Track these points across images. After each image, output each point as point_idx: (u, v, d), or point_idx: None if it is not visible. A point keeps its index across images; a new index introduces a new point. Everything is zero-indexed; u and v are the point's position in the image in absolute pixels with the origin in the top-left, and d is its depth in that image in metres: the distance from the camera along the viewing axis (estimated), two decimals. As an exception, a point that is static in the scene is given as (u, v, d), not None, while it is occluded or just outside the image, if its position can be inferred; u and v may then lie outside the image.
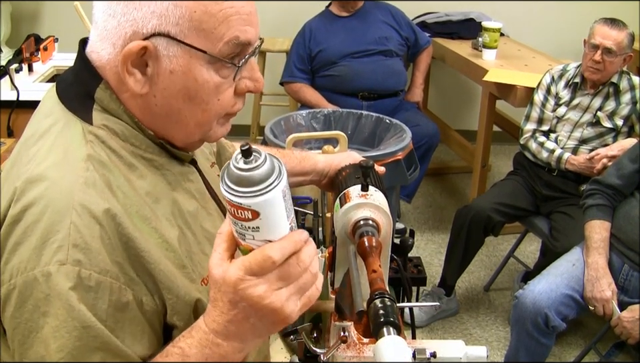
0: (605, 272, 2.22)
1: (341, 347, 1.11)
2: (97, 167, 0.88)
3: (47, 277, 0.81)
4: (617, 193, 2.33)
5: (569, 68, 2.86)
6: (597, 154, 2.67)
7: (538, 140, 2.85)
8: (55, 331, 0.82)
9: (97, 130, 0.91)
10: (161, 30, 0.87)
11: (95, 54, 0.93)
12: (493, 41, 3.68)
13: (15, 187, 0.87)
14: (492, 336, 2.88)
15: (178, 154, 1.00)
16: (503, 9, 4.47)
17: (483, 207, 2.78)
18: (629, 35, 2.66)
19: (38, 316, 0.82)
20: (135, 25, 0.87)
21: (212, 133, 0.98)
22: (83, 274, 0.82)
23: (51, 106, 0.95)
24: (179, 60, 0.88)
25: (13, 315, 0.84)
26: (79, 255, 0.82)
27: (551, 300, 2.23)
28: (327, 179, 1.42)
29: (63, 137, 0.91)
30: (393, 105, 3.63)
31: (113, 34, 0.89)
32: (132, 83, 0.89)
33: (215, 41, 0.88)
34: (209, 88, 0.91)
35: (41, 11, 4.44)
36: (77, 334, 0.82)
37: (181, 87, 0.90)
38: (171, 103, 0.92)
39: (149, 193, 0.93)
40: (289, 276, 0.81)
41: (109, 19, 0.89)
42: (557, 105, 2.84)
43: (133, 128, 0.94)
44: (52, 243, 0.82)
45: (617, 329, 2.18)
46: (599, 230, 2.29)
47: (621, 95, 2.73)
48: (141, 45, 0.86)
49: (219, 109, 0.95)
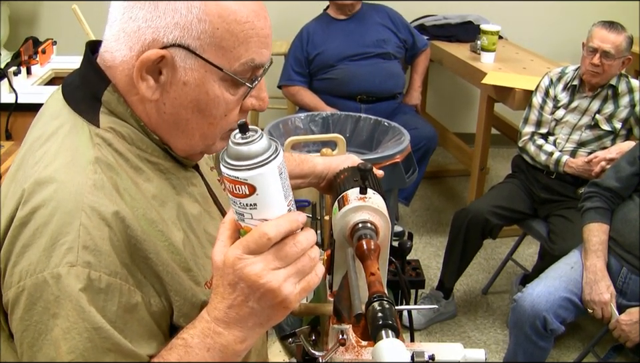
0: (603, 275, 2.22)
1: (340, 350, 1.10)
2: (105, 170, 0.89)
3: (57, 279, 0.82)
4: (615, 195, 2.33)
5: (567, 70, 2.87)
6: (595, 157, 2.67)
7: (536, 143, 2.85)
8: (65, 333, 0.82)
9: (104, 133, 0.92)
10: (182, 42, 0.88)
11: (109, 54, 0.93)
12: (491, 44, 3.68)
13: (23, 189, 0.87)
14: (490, 339, 2.87)
15: (182, 159, 1.01)
16: (501, 11, 4.47)
17: (481, 210, 2.78)
18: (628, 38, 2.67)
19: (47, 318, 0.82)
20: (156, 33, 0.88)
21: (214, 147, 1.00)
22: (92, 276, 0.83)
23: (58, 108, 0.96)
24: (194, 73, 0.90)
25: (22, 318, 0.84)
26: (89, 256, 0.83)
27: (550, 303, 2.23)
28: (325, 181, 1.42)
29: (71, 140, 0.91)
30: (391, 108, 3.63)
31: (131, 37, 0.89)
32: (144, 88, 0.90)
33: (232, 59, 0.90)
34: (218, 103, 0.93)
35: (39, 14, 4.44)
36: (88, 336, 0.82)
37: (192, 99, 0.91)
38: (180, 112, 0.93)
39: (155, 196, 0.94)
40: (285, 256, 0.82)
41: (128, 21, 0.89)
42: (556, 108, 2.84)
43: (139, 131, 0.95)
44: (62, 245, 0.82)
45: (615, 332, 2.18)
46: (597, 233, 2.29)
47: (620, 98, 2.73)
48: (160, 53, 0.88)
49: (225, 124, 0.96)
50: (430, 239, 3.64)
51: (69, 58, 3.00)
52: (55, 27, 4.10)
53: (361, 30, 3.62)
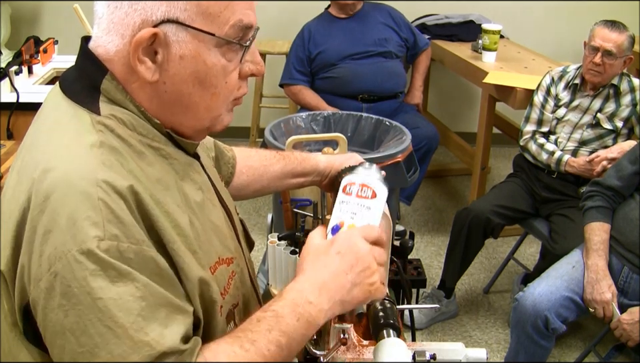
0: (604, 274, 2.22)
1: (341, 350, 1.11)
2: (111, 152, 0.89)
3: (87, 254, 0.81)
4: (616, 194, 2.33)
5: (568, 69, 2.86)
6: (596, 156, 2.67)
7: (538, 142, 2.85)
8: (115, 300, 0.81)
9: (105, 120, 0.92)
10: (170, 16, 0.89)
11: (102, 48, 0.94)
12: (492, 43, 3.68)
13: (33, 178, 0.87)
14: (491, 338, 2.87)
15: (183, 144, 1.01)
16: (502, 11, 4.47)
17: (483, 209, 2.78)
18: (629, 37, 2.66)
19: (86, 295, 0.81)
20: (143, 14, 0.89)
21: (220, 119, 1.01)
22: (121, 248, 0.83)
23: (57, 102, 0.96)
24: (187, 45, 0.91)
25: (60, 305, 0.82)
26: (114, 229, 0.83)
27: (551, 302, 2.23)
28: (328, 179, 1.42)
29: (74, 128, 0.91)
30: (392, 107, 3.63)
31: (120, 25, 0.91)
32: (143, 70, 0.91)
33: (221, 24, 0.92)
34: (217, 71, 0.94)
35: (41, 13, 4.44)
36: (141, 295, 0.83)
37: (190, 72, 0.93)
38: (181, 88, 0.94)
39: (160, 180, 0.94)
40: (380, 256, 0.99)
41: (115, 11, 0.90)
42: (557, 107, 2.84)
43: (139, 117, 0.95)
44: (84, 220, 0.82)
45: (617, 332, 2.18)
46: (598, 232, 2.29)
47: (621, 97, 2.73)
48: (152, 31, 0.89)
49: (227, 92, 0.98)
50: (431, 239, 3.64)
51: (71, 57, 2.98)
52: (56, 26, 4.10)
53: (363, 29, 3.61)
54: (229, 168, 1.36)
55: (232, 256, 1.08)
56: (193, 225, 0.97)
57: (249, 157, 1.42)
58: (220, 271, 1.02)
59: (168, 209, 0.92)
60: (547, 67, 3.51)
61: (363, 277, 0.96)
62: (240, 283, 1.10)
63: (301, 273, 0.97)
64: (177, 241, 0.91)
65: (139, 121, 0.95)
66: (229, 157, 1.36)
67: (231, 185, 1.37)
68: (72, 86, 0.96)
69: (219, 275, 1.02)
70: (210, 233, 1.02)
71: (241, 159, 1.39)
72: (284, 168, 1.42)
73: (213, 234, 1.03)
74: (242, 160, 1.39)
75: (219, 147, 1.34)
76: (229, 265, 1.06)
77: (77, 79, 0.97)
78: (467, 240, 2.79)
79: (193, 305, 0.92)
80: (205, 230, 1.00)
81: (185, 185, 1.00)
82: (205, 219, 1.02)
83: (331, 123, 2.94)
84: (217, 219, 1.06)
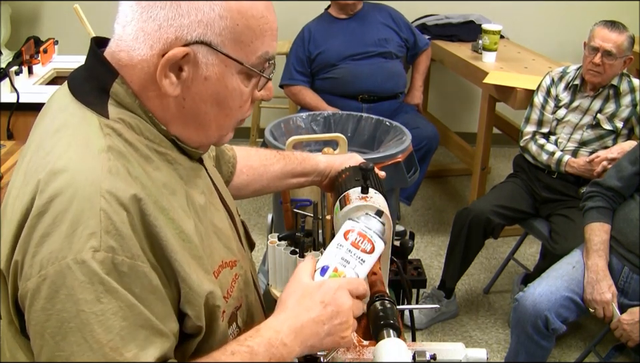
0: (605, 274, 2.22)
1: (341, 350, 1.10)
2: (118, 157, 0.90)
3: (81, 264, 0.82)
4: (616, 195, 2.33)
5: (568, 70, 2.86)
6: (596, 157, 2.67)
7: (538, 142, 2.85)
8: (98, 315, 0.82)
9: (113, 123, 0.93)
10: (205, 39, 0.91)
11: (125, 53, 0.94)
12: (492, 44, 3.68)
13: (38, 180, 0.87)
14: (492, 339, 2.87)
15: (188, 151, 1.02)
16: (502, 11, 4.47)
17: (483, 209, 2.78)
18: (629, 38, 2.66)
19: (71, 305, 0.82)
20: (179, 31, 0.90)
21: (226, 137, 1.05)
22: (116, 260, 0.84)
23: (65, 102, 0.97)
24: (214, 68, 0.93)
25: (43, 308, 0.83)
26: (111, 241, 0.84)
27: (551, 303, 2.23)
28: (328, 179, 1.42)
29: (81, 130, 0.92)
30: (392, 108, 3.63)
31: (152, 36, 0.91)
32: (166, 85, 0.92)
33: (249, 53, 0.94)
34: (236, 96, 0.97)
35: (41, 13, 4.44)
36: (123, 314, 0.83)
37: (211, 93, 0.95)
38: (199, 106, 0.96)
39: (166, 184, 0.95)
40: (357, 313, 1.02)
41: (148, 20, 0.91)
42: (557, 107, 2.84)
43: (147, 122, 0.96)
44: (83, 230, 0.83)
45: (617, 332, 2.18)
46: (598, 232, 2.28)
47: (621, 98, 2.73)
48: (185, 51, 0.90)
49: (239, 115, 1.01)
50: (431, 239, 3.64)
51: (71, 57, 3.00)
52: (57, 27, 4.10)
53: (363, 29, 3.61)
54: (229, 167, 1.37)
55: (235, 259, 1.08)
56: (198, 230, 0.98)
57: (249, 157, 1.42)
58: (223, 274, 1.03)
59: (173, 216, 0.93)
60: (547, 67, 3.50)
61: (337, 330, 0.99)
62: (243, 285, 1.11)
63: (282, 310, 0.99)
64: (180, 251, 0.92)
65: (146, 126, 0.95)
66: (229, 157, 1.37)
67: (231, 184, 1.37)
68: (81, 87, 0.97)
69: (222, 278, 1.03)
70: (213, 236, 1.03)
71: (241, 159, 1.40)
72: (284, 168, 1.43)
73: (217, 237, 1.04)
74: (242, 159, 1.40)
75: (220, 147, 1.34)
76: (232, 267, 1.07)
77: (87, 79, 0.97)
78: (467, 240, 2.79)
79: (196, 313, 0.93)
80: (208, 234, 1.01)
81: (190, 190, 1.00)
82: (208, 222, 1.03)
83: (331, 123, 2.94)
84: (220, 222, 1.07)
